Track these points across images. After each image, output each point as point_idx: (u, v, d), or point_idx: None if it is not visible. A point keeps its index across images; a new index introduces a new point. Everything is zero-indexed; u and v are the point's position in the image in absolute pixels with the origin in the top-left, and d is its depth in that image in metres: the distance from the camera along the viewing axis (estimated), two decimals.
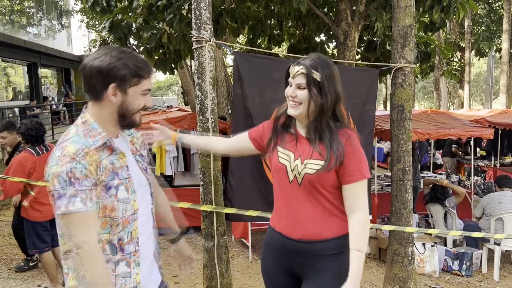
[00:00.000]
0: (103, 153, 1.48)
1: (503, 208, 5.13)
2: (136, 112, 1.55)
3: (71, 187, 1.38)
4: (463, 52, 19.09)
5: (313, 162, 1.75)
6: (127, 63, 1.47)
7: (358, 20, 5.10)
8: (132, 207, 1.54)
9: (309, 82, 1.73)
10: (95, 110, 1.53)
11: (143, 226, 1.60)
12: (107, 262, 1.49)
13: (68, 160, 1.38)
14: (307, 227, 1.79)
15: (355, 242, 1.73)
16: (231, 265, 3.58)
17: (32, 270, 4.57)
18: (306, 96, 1.73)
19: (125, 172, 1.54)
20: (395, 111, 4.01)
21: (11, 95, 16.32)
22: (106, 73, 1.46)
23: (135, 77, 1.50)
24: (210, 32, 3.22)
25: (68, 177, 1.37)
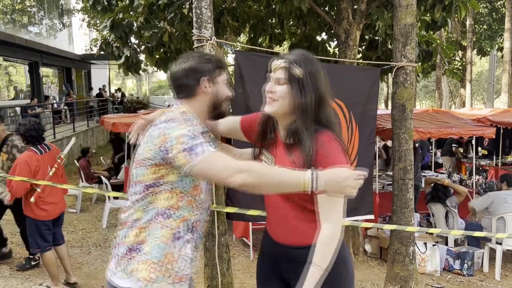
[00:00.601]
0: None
1: (507, 208, 5.10)
2: (224, 101, 1.73)
3: (198, 138, 1.52)
4: (464, 51, 19.06)
5: None
6: (209, 59, 1.70)
7: (359, 18, 5.09)
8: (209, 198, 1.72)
9: (290, 78, 1.60)
10: (188, 107, 1.68)
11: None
12: (180, 238, 1.62)
13: (186, 126, 1.56)
14: (288, 232, 1.71)
15: (315, 256, 1.57)
16: (232, 264, 3.58)
17: (34, 269, 4.57)
18: (285, 92, 1.61)
19: None
20: (396, 110, 4.00)
21: (13, 94, 16.33)
22: (197, 69, 1.66)
23: (217, 69, 1.70)
24: (211, 31, 3.21)
25: (192, 134, 1.53)
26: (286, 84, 1.61)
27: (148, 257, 1.58)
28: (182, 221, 1.61)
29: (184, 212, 1.61)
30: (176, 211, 1.60)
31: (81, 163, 7.93)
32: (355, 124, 3.99)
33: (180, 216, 1.60)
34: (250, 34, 7.05)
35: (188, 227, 1.62)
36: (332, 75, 3.90)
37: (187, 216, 1.62)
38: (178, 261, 1.61)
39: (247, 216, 3.47)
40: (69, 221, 6.83)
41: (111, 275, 1.64)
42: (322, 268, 1.56)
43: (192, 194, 1.61)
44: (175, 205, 1.60)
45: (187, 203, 1.61)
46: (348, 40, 5.14)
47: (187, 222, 1.62)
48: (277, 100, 1.62)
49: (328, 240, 1.57)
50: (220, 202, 3.35)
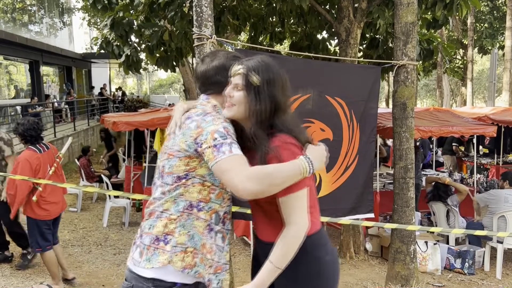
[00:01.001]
0: None
1: (508, 207, 5.09)
2: None
3: (230, 137, 1.56)
4: (465, 50, 19.02)
5: None
6: (235, 56, 1.76)
7: (360, 17, 5.07)
8: None
9: (247, 84, 1.61)
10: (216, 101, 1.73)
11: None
12: (212, 230, 1.67)
13: (222, 121, 1.61)
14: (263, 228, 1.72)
15: (273, 253, 1.57)
16: (233, 263, 3.58)
17: (34, 268, 4.57)
18: (241, 98, 1.62)
19: None
20: (397, 108, 3.99)
21: (13, 93, 16.32)
22: (226, 66, 1.70)
23: None
24: (212, 30, 3.20)
25: (225, 131, 1.57)
26: (243, 90, 1.63)
27: (184, 247, 1.61)
28: (213, 213, 1.67)
29: (215, 205, 1.66)
30: (207, 203, 1.65)
31: (81, 162, 7.93)
32: (356, 123, 3.98)
33: (211, 208, 1.66)
34: (250, 33, 7.04)
35: (219, 218, 1.68)
36: (333, 74, 3.93)
37: (217, 208, 1.67)
38: (214, 252, 1.67)
39: (248, 214, 3.46)
40: (70, 220, 6.84)
41: (134, 264, 1.65)
42: (278, 268, 1.56)
43: (222, 187, 1.66)
44: (207, 198, 1.65)
45: (217, 196, 1.67)
46: (348, 39, 5.13)
47: (218, 213, 1.68)
48: (234, 105, 1.64)
49: (291, 240, 1.56)
50: None
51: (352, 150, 4.01)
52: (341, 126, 3.89)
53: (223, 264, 1.70)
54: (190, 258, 1.62)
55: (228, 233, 1.74)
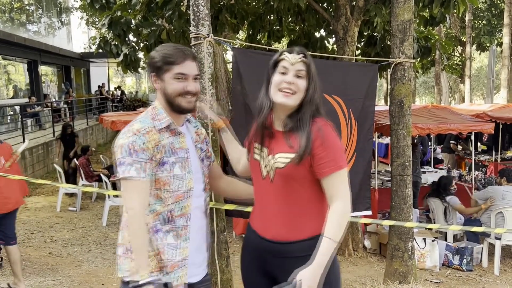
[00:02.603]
0: (164, 135, 1.69)
1: (506, 204, 5.11)
2: (177, 96, 1.69)
3: (130, 157, 1.59)
4: (464, 47, 19.02)
5: (283, 156, 1.68)
6: (162, 54, 1.69)
7: (357, 15, 5.08)
8: (187, 184, 1.71)
9: (309, 72, 1.68)
10: (158, 101, 1.76)
11: (194, 208, 1.75)
12: (158, 231, 1.67)
13: (131, 134, 1.62)
14: (278, 227, 1.71)
15: (327, 229, 1.61)
16: (232, 261, 3.59)
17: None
18: (304, 85, 1.68)
19: (184, 153, 1.73)
20: (394, 106, 4.00)
21: (12, 93, 16.31)
22: (149, 65, 1.74)
23: (166, 64, 1.68)
24: (209, 29, 3.21)
25: (129, 148, 1.60)
26: (305, 78, 1.69)
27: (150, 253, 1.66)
28: (156, 215, 1.67)
29: (156, 207, 1.67)
30: (148, 207, 1.65)
31: (80, 161, 7.94)
32: (354, 121, 4.00)
33: (153, 211, 1.66)
34: (248, 31, 7.04)
35: (164, 219, 1.68)
36: (330, 72, 3.94)
37: (159, 210, 1.67)
38: (166, 252, 1.67)
39: (246, 212, 3.47)
40: (69, 219, 6.85)
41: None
42: (336, 241, 1.60)
43: (155, 188, 1.66)
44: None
45: (155, 198, 1.67)
46: (346, 37, 5.13)
47: (161, 215, 1.67)
48: (295, 93, 1.67)
49: (342, 214, 1.64)
50: (218, 198, 3.36)
51: (350, 148, 4.02)
52: (339, 124, 3.90)
53: (178, 261, 1.69)
54: (155, 261, 1.66)
55: (182, 229, 1.70)
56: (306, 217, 1.70)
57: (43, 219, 6.73)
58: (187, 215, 1.71)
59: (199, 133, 1.88)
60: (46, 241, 5.69)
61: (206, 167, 1.87)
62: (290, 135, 1.69)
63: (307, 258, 1.61)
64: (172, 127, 1.72)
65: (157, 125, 1.68)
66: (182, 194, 1.70)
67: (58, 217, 6.91)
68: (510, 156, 9.06)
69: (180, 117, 1.79)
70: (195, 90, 1.72)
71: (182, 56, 1.68)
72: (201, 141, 1.88)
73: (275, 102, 1.69)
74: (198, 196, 1.78)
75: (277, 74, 1.70)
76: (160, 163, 1.65)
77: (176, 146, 1.71)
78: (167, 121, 1.70)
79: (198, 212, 1.78)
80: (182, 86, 1.69)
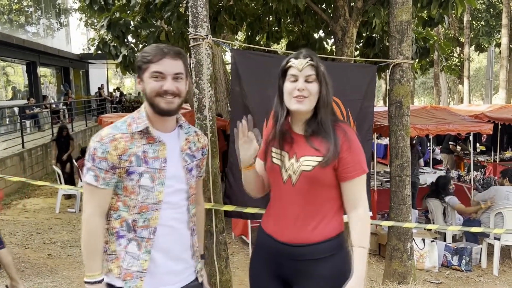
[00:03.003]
0: (138, 141, 1.62)
1: (507, 205, 5.11)
2: (155, 96, 1.61)
3: (91, 162, 1.59)
4: (462, 47, 19.06)
5: (309, 159, 1.68)
6: (141, 53, 1.65)
7: (356, 16, 5.09)
8: (155, 196, 1.64)
9: (318, 74, 1.67)
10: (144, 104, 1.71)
11: (167, 220, 1.67)
12: (122, 237, 1.64)
13: (97, 140, 1.59)
14: (298, 230, 1.72)
15: (357, 239, 1.68)
16: (231, 262, 3.60)
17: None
18: (316, 89, 1.67)
19: (159, 163, 1.64)
20: (393, 107, 4.01)
21: (11, 95, 16.30)
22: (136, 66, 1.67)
23: (145, 64, 1.62)
24: (207, 30, 3.22)
25: (92, 153, 1.58)
26: (315, 81, 1.68)
27: (116, 254, 1.65)
28: (123, 221, 1.64)
29: (123, 212, 1.64)
30: (115, 211, 1.65)
31: (80, 162, 7.93)
32: (353, 122, 4.00)
33: (120, 216, 1.64)
34: (247, 32, 7.05)
35: (128, 226, 1.64)
36: (329, 73, 3.90)
37: (125, 216, 1.64)
38: (123, 259, 1.64)
39: (246, 213, 3.49)
40: (68, 220, 6.85)
41: None
42: (367, 248, 1.70)
43: (125, 195, 1.63)
44: (115, 206, 1.65)
45: (123, 204, 1.64)
46: (345, 38, 5.14)
47: (126, 222, 1.64)
48: (307, 97, 1.67)
49: (367, 221, 1.74)
50: (218, 200, 3.36)
51: None
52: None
53: (133, 272, 1.64)
54: (115, 265, 1.65)
55: (144, 241, 1.64)
56: (325, 219, 1.73)
57: (42, 221, 6.72)
58: (152, 228, 1.64)
59: (190, 140, 1.77)
60: (45, 242, 5.68)
61: (194, 178, 1.76)
62: (312, 138, 1.71)
63: (326, 259, 1.70)
64: (152, 133, 1.64)
65: (133, 129, 1.62)
66: (148, 205, 1.63)
67: (57, 218, 6.90)
68: (509, 157, 9.08)
69: (165, 120, 1.68)
70: (174, 89, 1.62)
71: (160, 54, 1.60)
72: (195, 149, 1.77)
73: (290, 109, 1.71)
74: (177, 208, 1.69)
75: (288, 82, 1.70)
76: (127, 171, 1.60)
77: (150, 155, 1.62)
78: (144, 124, 1.63)
79: (176, 223, 1.69)
80: (159, 85, 1.60)
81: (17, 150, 9.29)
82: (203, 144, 1.82)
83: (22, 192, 8.58)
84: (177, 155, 1.70)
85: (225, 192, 3.51)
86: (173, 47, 1.67)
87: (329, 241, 1.71)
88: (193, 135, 1.79)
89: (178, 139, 1.72)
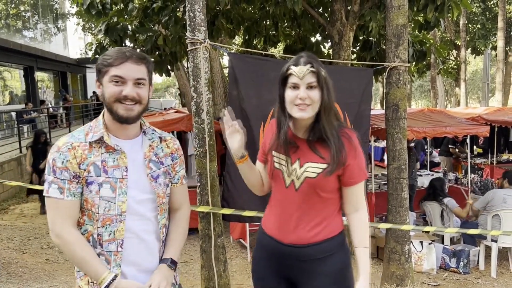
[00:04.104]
0: (96, 150, 1.54)
1: (505, 208, 5.10)
2: (114, 102, 1.52)
3: (52, 174, 1.51)
4: (459, 51, 19.15)
5: (314, 165, 1.69)
6: (103, 56, 1.55)
7: (352, 20, 5.12)
8: (118, 207, 1.55)
9: (319, 80, 1.63)
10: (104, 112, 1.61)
11: (134, 231, 1.59)
12: None
13: (55, 150, 1.52)
14: (299, 232, 1.75)
15: (361, 240, 1.75)
16: (229, 266, 3.60)
17: (31, 273, 4.57)
18: (318, 95, 1.64)
19: (120, 172, 1.55)
20: (390, 110, 4.03)
21: (8, 99, 16.28)
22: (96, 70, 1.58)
23: (105, 67, 1.53)
24: (205, 34, 3.23)
25: (52, 165, 1.51)
26: (317, 88, 1.64)
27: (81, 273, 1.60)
28: (89, 235, 1.56)
29: (89, 226, 1.56)
30: (82, 226, 1.57)
31: None
32: (350, 125, 4.02)
33: (86, 231, 1.56)
34: (244, 36, 7.07)
35: (94, 241, 1.56)
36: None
37: (92, 230, 1.56)
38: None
39: (244, 217, 3.49)
40: None
41: None
42: (369, 247, 1.77)
43: (86, 208, 1.55)
44: (80, 220, 1.57)
45: (88, 217, 1.56)
46: (341, 41, 5.17)
47: (93, 236, 1.56)
48: (310, 105, 1.64)
49: (367, 222, 1.80)
50: (216, 203, 3.37)
51: None
52: None
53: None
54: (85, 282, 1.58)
55: (112, 254, 1.56)
56: (327, 220, 1.77)
57: (39, 226, 6.70)
58: (119, 240, 1.56)
59: (154, 146, 1.66)
60: (42, 247, 5.66)
61: (162, 186, 1.65)
62: (317, 145, 1.70)
63: (329, 257, 1.75)
64: (108, 142, 1.54)
65: (89, 139, 1.54)
66: (111, 217, 1.54)
67: None
68: (506, 159, 9.12)
69: (125, 128, 1.58)
70: (134, 95, 1.52)
71: (121, 58, 1.51)
72: (162, 155, 1.67)
73: (293, 117, 1.69)
74: (143, 219, 1.61)
75: (289, 90, 1.67)
76: (86, 182, 1.51)
77: (110, 164, 1.54)
78: (100, 133, 1.54)
79: (144, 234, 1.61)
80: (118, 90, 1.51)
81: (15, 155, 9.28)
82: (172, 149, 1.71)
83: (20, 197, 8.56)
84: (140, 163, 1.60)
85: (223, 196, 3.52)
86: (137, 52, 1.58)
87: (331, 240, 1.76)
88: (157, 141, 1.68)
89: (141, 146, 1.63)
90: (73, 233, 1.52)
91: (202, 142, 3.28)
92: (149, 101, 1.63)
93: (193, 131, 3.39)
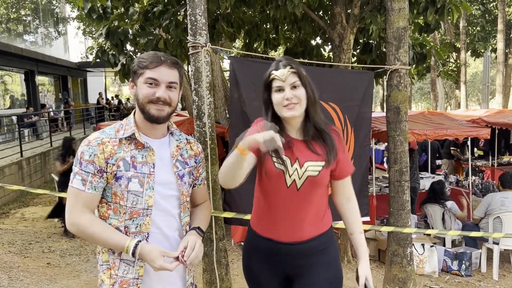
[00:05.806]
0: (126, 147, 1.62)
1: (504, 210, 5.10)
2: (147, 102, 1.61)
3: (78, 166, 1.59)
4: (458, 53, 19.18)
5: (313, 164, 1.76)
6: (138, 59, 1.66)
7: (352, 23, 5.13)
8: (145, 201, 1.62)
9: (301, 79, 1.73)
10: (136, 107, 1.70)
11: (159, 226, 1.66)
12: None
13: (85, 144, 1.61)
14: (300, 229, 1.80)
15: (357, 226, 1.88)
16: (231, 269, 3.59)
17: (32, 277, 4.56)
18: (303, 93, 1.73)
19: (148, 168, 1.63)
20: (391, 112, 4.03)
21: (9, 103, 16.30)
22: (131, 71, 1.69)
23: (141, 69, 1.63)
24: (206, 38, 3.24)
25: (79, 157, 1.59)
26: (301, 86, 1.74)
27: (108, 264, 1.64)
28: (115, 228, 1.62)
29: (113, 221, 1.62)
30: (106, 220, 1.63)
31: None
32: (350, 127, 4.02)
33: (111, 224, 1.62)
34: (245, 40, 7.09)
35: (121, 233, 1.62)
36: (326, 79, 3.97)
37: (116, 224, 1.62)
38: (117, 267, 1.63)
39: (245, 220, 3.48)
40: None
41: None
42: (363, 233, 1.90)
43: (114, 202, 1.61)
44: (105, 214, 1.63)
45: (114, 211, 1.62)
46: (342, 44, 5.18)
47: (118, 229, 1.61)
48: (298, 103, 1.73)
49: (358, 210, 1.93)
50: (217, 206, 3.37)
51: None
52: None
53: (129, 279, 1.62)
54: (107, 275, 1.63)
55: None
56: (323, 214, 1.86)
57: (40, 229, 6.70)
58: (145, 234, 1.63)
59: (181, 147, 1.76)
60: (44, 251, 5.66)
61: (186, 185, 1.74)
62: (310, 142, 1.79)
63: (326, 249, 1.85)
64: (139, 139, 1.63)
65: (120, 135, 1.62)
66: (138, 211, 1.61)
67: (56, 227, 6.88)
68: (507, 161, 9.12)
69: (155, 127, 1.68)
70: (166, 98, 1.62)
71: (156, 61, 1.61)
72: (187, 157, 1.76)
73: (284, 117, 1.76)
74: (168, 215, 1.68)
75: (275, 94, 1.75)
76: (115, 176, 1.59)
77: (139, 160, 1.62)
78: (131, 131, 1.63)
79: (168, 230, 1.68)
80: (152, 91, 1.61)
81: (16, 159, 9.28)
82: (195, 152, 1.81)
83: (21, 201, 8.56)
84: (168, 161, 1.69)
85: (224, 199, 3.52)
86: (171, 57, 1.68)
87: (328, 231, 1.88)
88: (184, 143, 1.78)
89: (169, 146, 1.72)
90: (87, 216, 1.58)
91: (204, 146, 3.29)
92: (178, 104, 1.74)
93: (194, 134, 3.39)
